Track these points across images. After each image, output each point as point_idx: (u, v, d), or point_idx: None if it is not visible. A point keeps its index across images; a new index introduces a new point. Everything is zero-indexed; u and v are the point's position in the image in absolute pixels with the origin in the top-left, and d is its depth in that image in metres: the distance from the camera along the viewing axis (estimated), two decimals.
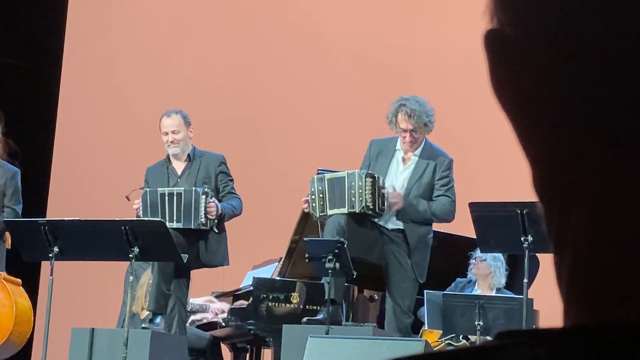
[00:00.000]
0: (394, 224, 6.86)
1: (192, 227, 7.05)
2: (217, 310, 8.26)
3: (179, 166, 7.39)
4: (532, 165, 0.62)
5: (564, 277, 0.60)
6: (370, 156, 6.99)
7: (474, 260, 7.60)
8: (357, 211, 6.70)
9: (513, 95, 0.62)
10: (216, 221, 7.15)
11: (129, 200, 7.30)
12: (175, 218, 7.02)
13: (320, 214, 6.83)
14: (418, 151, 6.89)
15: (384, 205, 6.75)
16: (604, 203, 0.59)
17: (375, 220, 6.85)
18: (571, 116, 0.60)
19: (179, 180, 7.31)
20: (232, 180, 7.40)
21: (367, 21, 10.47)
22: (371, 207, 6.69)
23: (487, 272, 7.60)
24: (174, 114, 7.39)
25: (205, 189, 7.10)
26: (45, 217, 8.64)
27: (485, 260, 7.55)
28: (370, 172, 6.78)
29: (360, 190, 6.69)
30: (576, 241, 0.60)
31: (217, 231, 7.19)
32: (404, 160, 6.93)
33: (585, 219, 0.59)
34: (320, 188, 6.83)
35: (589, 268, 0.59)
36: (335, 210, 6.77)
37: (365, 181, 6.69)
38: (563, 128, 0.60)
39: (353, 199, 6.69)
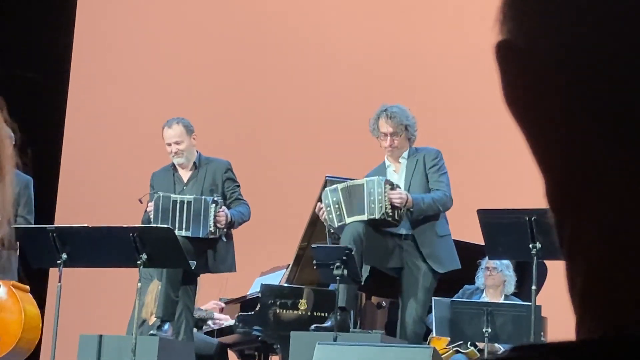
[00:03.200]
0: (406, 229, 6.87)
1: (201, 236, 7.03)
2: (221, 318, 8.26)
3: (185, 174, 7.37)
4: (545, 175, 0.62)
5: (577, 288, 0.60)
6: None
7: (487, 271, 7.58)
8: (377, 217, 6.70)
9: (525, 106, 0.62)
10: (225, 230, 7.14)
11: (141, 202, 7.29)
12: (184, 226, 7.01)
13: (339, 224, 6.84)
14: (405, 154, 6.96)
15: (402, 212, 6.76)
16: (617, 213, 0.58)
17: (390, 228, 6.86)
18: (584, 126, 0.59)
19: (185, 187, 7.30)
20: (238, 186, 7.38)
21: (375, 28, 10.47)
22: (390, 213, 6.71)
23: (501, 282, 7.60)
24: (175, 123, 7.30)
25: (215, 198, 7.08)
26: (53, 223, 8.65)
27: (501, 271, 7.55)
28: (388, 179, 6.81)
29: (380, 197, 6.70)
30: (589, 251, 0.59)
31: (225, 240, 7.18)
32: (395, 172, 7.00)
33: (598, 228, 0.59)
34: (334, 199, 6.84)
35: (603, 278, 0.59)
36: (355, 218, 6.78)
37: (385, 187, 6.71)
38: (576, 138, 0.60)
39: (373, 205, 6.70)
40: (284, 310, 7.33)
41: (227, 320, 8.16)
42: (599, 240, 0.59)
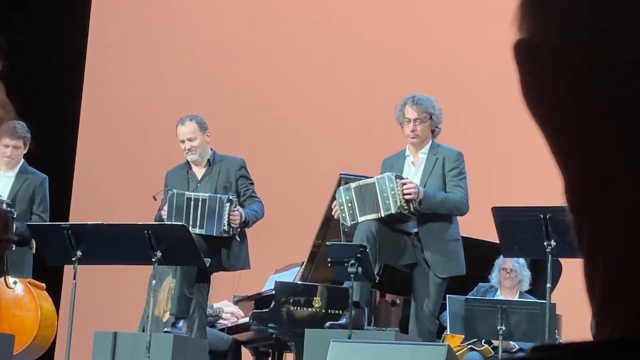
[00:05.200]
0: (415, 227, 6.85)
1: (215, 235, 7.03)
2: (230, 314, 8.25)
3: (199, 171, 7.38)
4: (564, 175, 0.62)
5: (596, 288, 0.60)
6: (384, 172, 7.00)
7: (505, 272, 7.55)
8: (393, 212, 6.68)
9: (545, 105, 0.62)
10: (239, 229, 7.14)
11: (155, 199, 7.29)
12: (198, 224, 7.01)
13: (352, 223, 6.83)
14: (425, 149, 6.94)
15: (415, 205, 6.73)
16: (638, 213, 0.58)
17: (402, 226, 6.85)
18: (604, 125, 0.59)
19: (198, 185, 7.30)
20: (252, 183, 7.38)
21: (390, 26, 10.46)
22: (406, 207, 6.69)
23: (518, 282, 7.59)
24: (188, 120, 7.32)
25: (230, 197, 7.08)
26: (68, 221, 8.66)
27: (519, 272, 7.53)
28: (398, 174, 6.78)
29: (393, 192, 6.68)
30: (609, 252, 0.59)
31: (239, 239, 7.17)
32: (413, 163, 6.96)
33: (618, 228, 0.59)
34: (347, 197, 6.83)
35: (624, 279, 0.58)
36: (367, 217, 6.76)
37: (396, 182, 6.69)
38: (596, 137, 0.60)
39: (387, 201, 6.68)
40: (298, 308, 7.33)
41: (242, 317, 8.17)
42: (619, 241, 0.58)
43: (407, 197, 6.65)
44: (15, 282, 7.41)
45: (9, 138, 7.51)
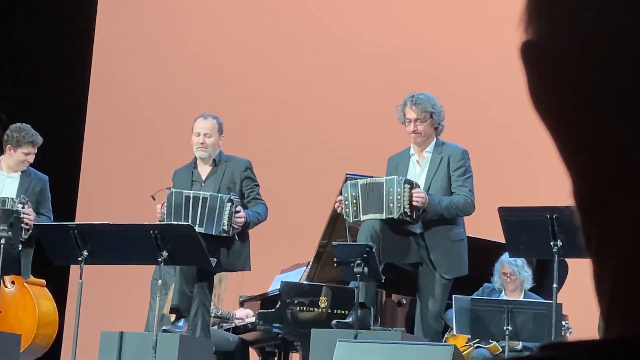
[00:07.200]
0: (420, 229, 6.85)
1: (213, 234, 7.02)
2: (242, 317, 8.26)
3: (204, 170, 7.38)
4: (572, 176, 0.62)
5: (605, 288, 0.60)
6: (390, 172, 7.01)
7: (506, 277, 7.54)
8: (395, 217, 6.68)
9: (552, 107, 0.62)
10: (238, 230, 7.12)
11: (154, 199, 7.30)
12: (197, 222, 7.01)
13: (354, 220, 6.83)
14: (430, 148, 6.95)
15: (419, 212, 6.74)
16: None
17: (406, 226, 6.85)
18: (611, 126, 0.59)
19: (203, 184, 7.31)
20: (257, 185, 7.36)
21: (396, 25, 10.46)
22: (409, 213, 6.68)
23: (520, 283, 7.58)
24: (211, 117, 7.38)
25: (231, 197, 7.07)
26: (74, 221, 8.68)
27: (519, 273, 7.52)
28: (408, 178, 6.78)
29: (399, 197, 6.68)
30: (618, 252, 0.59)
31: (237, 239, 7.15)
32: (418, 163, 6.97)
33: (627, 229, 0.59)
34: (353, 194, 6.82)
35: (632, 279, 0.58)
36: (370, 216, 6.76)
37: (404, 187, 6.69)
38: (605, 137, 0.60)
39: (391, 205, 6.68)
40: (304, 308, 7.33)
41: (249, 317, 8.17)
42: (628, 241, 0.58)
43: (414, 204, 6.66)
44: (13, 282, 7.41)
45: (32, 147, 7.61)
